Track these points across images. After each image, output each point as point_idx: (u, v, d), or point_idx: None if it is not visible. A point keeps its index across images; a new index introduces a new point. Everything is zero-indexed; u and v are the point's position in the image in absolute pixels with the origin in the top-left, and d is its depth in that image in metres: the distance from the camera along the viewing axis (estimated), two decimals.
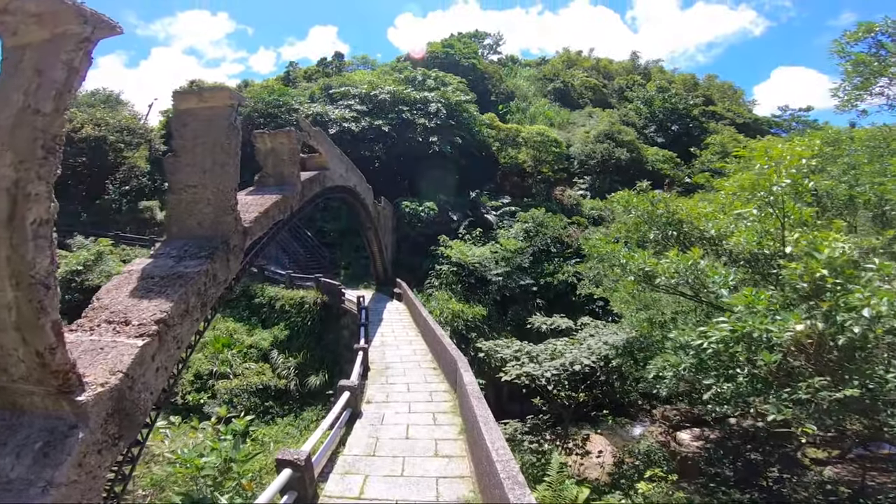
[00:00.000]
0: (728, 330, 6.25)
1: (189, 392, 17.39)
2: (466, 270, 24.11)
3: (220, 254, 7.87)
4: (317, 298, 21.04)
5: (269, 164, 12.93)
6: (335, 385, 9.01)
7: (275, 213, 10.97)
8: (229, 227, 8.18)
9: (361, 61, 49.14)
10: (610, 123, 43.99)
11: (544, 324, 15.61)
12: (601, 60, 73.74)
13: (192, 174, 8.01)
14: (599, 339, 12.91)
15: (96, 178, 35.96)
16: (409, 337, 14.76)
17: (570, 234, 29.30)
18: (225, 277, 8.16)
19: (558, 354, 12.16)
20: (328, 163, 16.44)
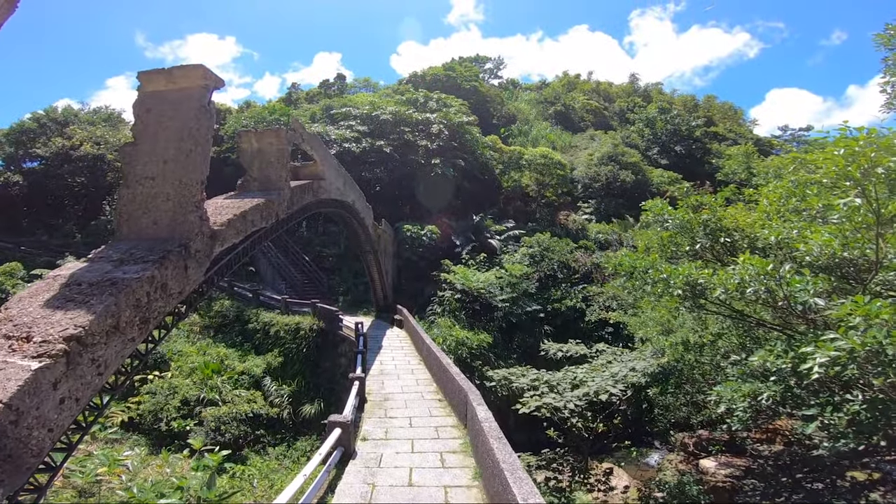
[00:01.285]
0: (845, 349, 5.05)
1: (174, 418, 16.46)
2: (470, 296, 23.04)
3: (173, 258, 6.60)
4: (313, 325, 20.09)
5: (255, 167, 11.87)
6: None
7: (255, 219, 9.76)
8: (191, 227, 6.99)
9: (363, 84, 49.46)
10: (613, 146, 43.72)
11: (560, 350, 14.42)
12: (601, 83, 74.56)
13: (150, 165, 6.95)
14: (624, 365, 11.72)
15: (93, 197, 35.45)
16: (410, 365, 13.53)
17: (577, 259, 28.33)
18: (180, 289, 6.86)
19: (580, 383, 10.94)
20: (324, 172, 15.37)
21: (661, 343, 12.02)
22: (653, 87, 76.88)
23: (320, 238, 33.32)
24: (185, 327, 23.45)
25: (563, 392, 10.65)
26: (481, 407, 6.32)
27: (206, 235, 7.39)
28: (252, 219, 9.56)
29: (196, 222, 7.02)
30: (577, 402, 10.11)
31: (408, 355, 15.05)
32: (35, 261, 27.82)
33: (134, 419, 17.32)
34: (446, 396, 9.77)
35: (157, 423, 16.81)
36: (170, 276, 6.65)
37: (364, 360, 12.06)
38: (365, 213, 22.04)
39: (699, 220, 9.88)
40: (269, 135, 11.91)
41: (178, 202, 6.92)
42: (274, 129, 12.23)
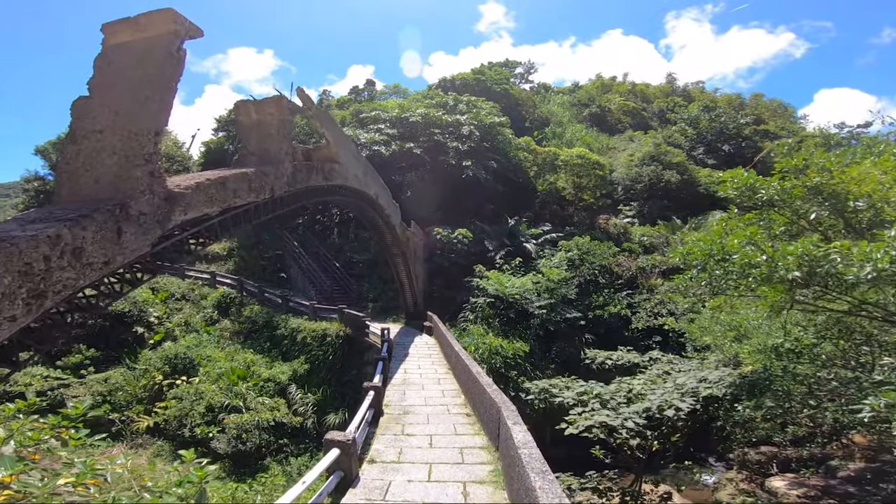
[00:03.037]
0: None
1: (198, 425, 16.13)
2: (505, 303, 21.66)
3: (98, 219, 5.40)
4: (339, 331, 19.38)
5: (253, 140, 10.89)
6: None
7: (240, 189, 8.58)
8: (136, 184, 5.97)
9: (393, 90, 49.22)
10: (655, 146, 41.32)
11: (608, 359, 12.82)
12: (637, 85, 72.05)
13: (101, 117, 6.03)
14: (691, 376, 10.05)
15: None
16: (437, 375, 12.32)
17: (620, 264, 26.39)
18: (106, 258, 5.61)
19: (637, 397, 9.34)
20: (338, 155, 14.04)
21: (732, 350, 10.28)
22: (693, 86, 73.85)
23: (351, 244, 32.88)
24: (215, 332, 23.39)
25: (617, 408, 9.08)
26: (518, 427, 5.03)
27: (160, 197, 6.29)
28: (235, 188, 8.44)
29: (143, 179, 5.94)
30: (637, 419, 8.51)
31: (435, 364, 13.86)
32: None
33: (160, 424, 17.10)
34: (475, 411, 8.50)
35: (181, 428, 16.50)
36: (89, 239, 5.38)
37: (386, 368, 10.95)
38: (391, 210, 20.92)
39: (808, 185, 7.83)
40: (269, 104, 10.85)
41: (124, 156, 5.94)
42: (274, 97, 11.06)
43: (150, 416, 17.31)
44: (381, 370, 10.13)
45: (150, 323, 23.83)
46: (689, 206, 36.32)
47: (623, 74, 76.08)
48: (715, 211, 34.27)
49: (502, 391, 7.49)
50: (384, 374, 10.33)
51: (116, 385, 19.04)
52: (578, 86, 70.76)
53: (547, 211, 36.21)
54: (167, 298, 26.40)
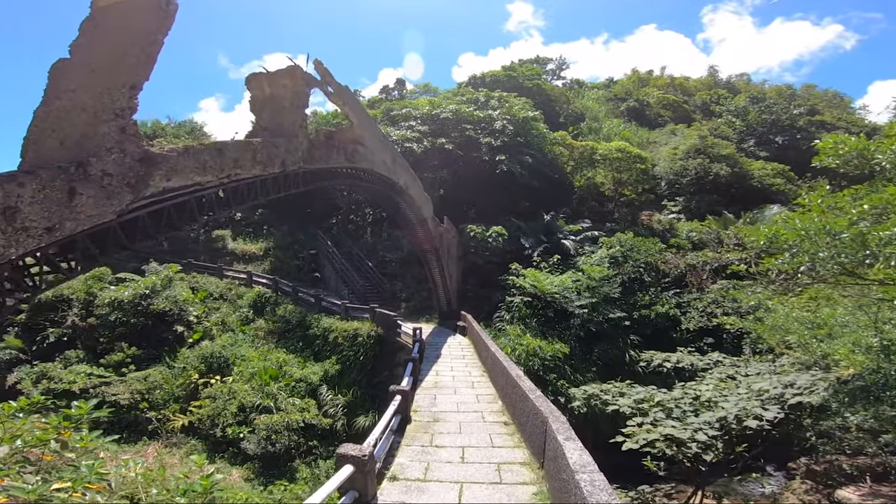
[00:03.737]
0: None
1: (230, 424, 15.95)
2: (543, 302, 20.55)
3: (44, 176, 4.71)
4: (371, 331, 18.90)
5: (266, 114, 10.25)
6: None
7: (240, 156, 7.82)
8: (102, 141, 5.38)
9: (423, 89, 48.68)
10: (700, 138, 38.95)
11: (666, 362, 11.55)
12: (676, 78, 69.18)
13: (77, 76, 5.46)
14: (772, 380, 8.71)
15: None
16: (471, 378, 11.43)
17: (667, 261, 24.66)
18: (50, 223, 4.86)
19: (707, 405, 8.07)
20: (362, 137, 13.14)
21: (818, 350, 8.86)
22: (737, 78, 70.22)
23: (384, 243, 32.56)
24: (250, 332, 23.47)
25: (683, 417, 7.85)
26: (572, 445, 4.11)
27: (133, 157, 5.63)
28: (236, 157, 7.70)
29: (110, 135, 5.32)
30: (710, 431, 7.24)
31: (469, 365, 12.98)
32: (125, 266, 29.61)
33: (194, 423, 17.09)
34: (515, 419, 7.59)
35: (214, 428, 16.41)
36: (27, 199, 4.62)
37: (416, 370, 10.16)
38: (422, 203, 20.13)
39: None
40: (283, 76, 10.11)
41: (93, 112, 5.37)
42: (287, 68, 10.24)
43: (186, 414, 17.35)
44: (411, 372, 9.36)
45: (190, 322, 24.16)
46: (741, 201, 34.09)
47: (660, 68, 73.83)
48: (771, 205, 31.83)
49: (546, 398, 6.56)
50: (414, 377, 9.55)
51: (155, 383, 19.24)
52: (613, 81, 68.57)
53: (585, 207, 34.70)
54: (206, 298, 26.80)
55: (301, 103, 10.13)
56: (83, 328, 23.13)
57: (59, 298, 24.34)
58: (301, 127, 9.95)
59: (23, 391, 18.88)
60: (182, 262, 29.84)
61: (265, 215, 36.92)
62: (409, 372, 9.36)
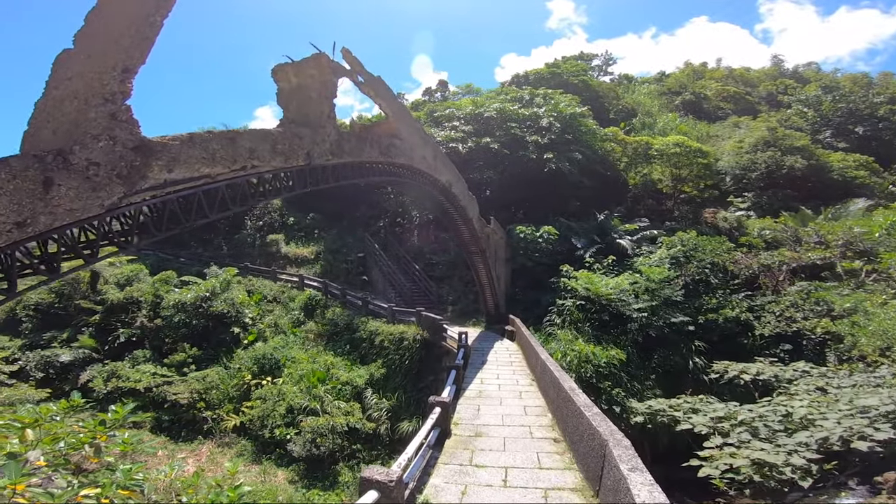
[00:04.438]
0: None
1: (278, 426, 16.24)
2: (597, 305, 19.35)
3: (15, 165, 4.33)
4: (417, 334, 18.60)
5: (293, 107, 9.81)
6: None
7: (256, 147, 7.26)
8: (90, 128, 4.97)
9: (466, 90, 48.07)
10: (769, 130, 35.76)
11: (744, 373, 10.20)
12: (735, 69, 64.60)
13: (75, 64, 5.21)
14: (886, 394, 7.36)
15: (238, 214, 39.75)
16: (518, 387, 10.66)
17: (737, 261, 22.54)
18: (20, 217, 4.43)
19: (801, 423, 6.83)
20: (399, 131, 12.52)
21: None
22: (805, 67, 64.73)
23: (430, 246, 32.33)
24: (301, 334, 23.95)
25: (773, 437, 6.68)
26: (640, 477, 3.38)
27: (125, 145, 5.18)
28: (251, 147, 7.14)
29: (99, 121, 4.92)
30: (808, 454, 6.08)
31: (517, 373, 12.22)
32: (188, 270, 31.37)
33: (245, 423, 17.52)
34: (566, 436, 6.84)
35: (263, 429, 16.72)
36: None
37: (459, 378, 9.56)
38: (467, 202, 19.46)
39: None
40: (309, 65, 9.63)
41: (84, 99, 5.06)
42: (314, 55, 9.63)
43: (238, 415, 17.84)
44: (454, 380, 8.79)
45: (245, 324, 25.04)
46: (818, 196, 30.98)
47: (716, 60, 69.97)
48: (855, 199, 28.70)
49: (604, 415, 5.79)
50: (457, 385, 8.98)
51: (212, 383, 19.97)
52: (665, 75, 65.26)
53: (641, 205, 32.75)
54: (260, 300, 27.75)
55: (328, 93, 9.78)
56: (150, 329, 24.56)
57: (129, 300, 26.06)
58: (328, 117, 9.58)
59: (94, 389, 20.27)
60: (239, 265, 31.17)
61: (316, 220, 37.92)
62: (451, 380, 8.78)
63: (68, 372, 22.33)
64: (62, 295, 27.10)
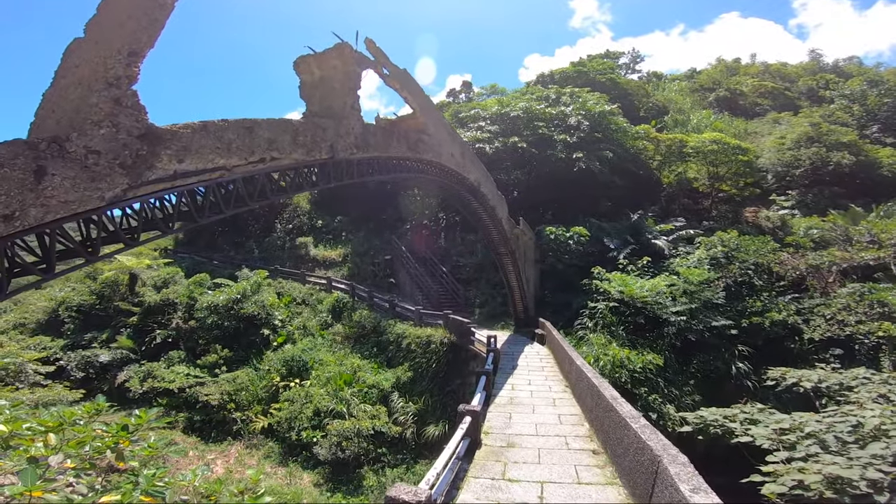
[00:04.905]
0: None
1: (305, 428, 16.26)
2: (631, 308, 18.57)
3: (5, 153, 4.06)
4: (444, 337, 18.28)
5: (316, 99, 9.48)
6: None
7: (276, 137, 6.93)
8: (91, 115, 4.70)
9: (490, 90, 47.45)
10: (812, 125, 33.87)
11: (805, 381, 9.37)
12: (771, 65, 61.77)
13: (83, 52, 5.07)
14: None
15: (269, 217, 40.60)
16: (551, 393, 10.13)
17: (783, 262, 21.24)
18: (8, 209, 4.15)
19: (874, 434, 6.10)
20: (426, 126, 12.14)
21: None
22: (845, 62, 61.51)
23: (458, 248, 31.99)
24: (328, 336, 24.02)
25: (844, 450, 5.98)
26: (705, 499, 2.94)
27: (130, 133, 4.89)
28: (270, 137, 6.79)
29: (101, 107, 4.58)
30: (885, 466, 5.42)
31: (549, 379, 11.69)
32: (221, 272, 32.09)
33: (273, 425, 17.58)
34: (607, 447, 6.35)
35: (290, 431, 16.74)
36: None
37: (489, 384, 9.13)
38: (496, 202, 18.99)
39: None
40: (331, 56, 9.16)
41: (87, 85, 4.83)
42: (336, 45, 9.21)
43: (266, 416, 17.93)
44: (483, 387, 8.38)
45: (275, 326, 25.33)
46: (867, 193, 29.15)
47: (750, 56, 66.92)
48: None
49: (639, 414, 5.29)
50: (486, 392, 8.57)
51: (242, 385, 20.16)
52: (697, 71, 62.95)
53: (676, 205, 31.47)
54: (290, 302, 28.05)
55: (352, 84, 9.41)
56: (185, 330, 25.13)
57: (166, 302, 26.80)
58: (352, 108, 9.19)
59: (130, 389, 20.85)
60: (269, 268, 31.68)
61: (343, 222, 38.22)
62: (481, 387, 8.34)
63: (107, 372, 23.02)
64: (103, 297, 28.18)
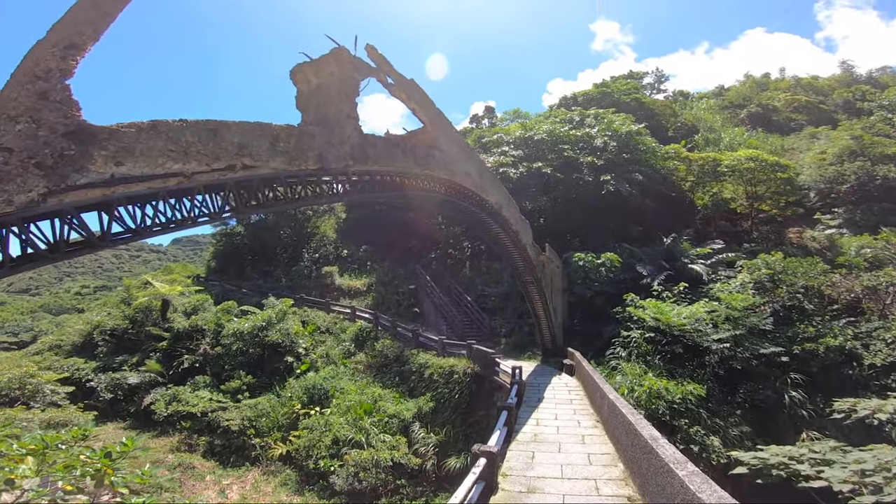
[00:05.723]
0: None
1: (323, 457, 15.85)
2: (668, 336, 17.38)
3: None
4: (467, 368, 17.63)
5: (312, 109, 8.74)
6: None
7: (248, 142, 6.07)
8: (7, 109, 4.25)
9: (513, 115, 47.27)
10: (854, 138, 32.13)
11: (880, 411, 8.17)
12: (802, 78, 59.85)
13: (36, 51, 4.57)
14: None
15: (296, 246, 41.29)
16: (580, 429, 9.13)
17: (835, 284, 19.61)
18: None
19: None
20: (438, 141, 11.12)
21: None
22: (878, 72, 59.56)
23: (483, 277, 31.29)
24: (351, 365, 23.64)
25: None
26: None
27: (55, 130, 4.33)
28: (242, 142, 5.97)
29: (22, 101, 4.09)
30: None
31: (578, 413, 10.69)
32: (249, 300, 32.51)
33: (291, 453, 17.16)
34: (645, 494, 5.45)
35: (308, 459, 16.35)
36: None
37: (511, 419, 8.24)
38: (519, 227, 18.17)
39: None
40: (328, 62, 8.57)
41: (18, 81, 4.35)
42: (333, 50, 8.60)
43: (285, 443, 17.62)
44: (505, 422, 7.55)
45: (299, 353, 25.29)
46: None
47: (779, 70, 65.38)
48: None
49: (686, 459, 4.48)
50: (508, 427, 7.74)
51: (263, 411, 20.06)
52: (725, 88, 61.68)
53: (713, 227, 30.01)
54: (314, 331, 28.01)
55: (349, 90, 8.70)
56: (212, 356, 25.39)
57: (195, 328, 27.23)
58: (349, 116, 8.42)
59: (155, 411, 20.99)
60: (295, 296, 31.88)
61: (368, 251, 38.35)
62: (501, 423, 7.49)
63: (135, 394, 23.62)
64: (135, 321, 28.98)
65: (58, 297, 69.27)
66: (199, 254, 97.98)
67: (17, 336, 45.67)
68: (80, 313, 41.89)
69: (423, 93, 11.20)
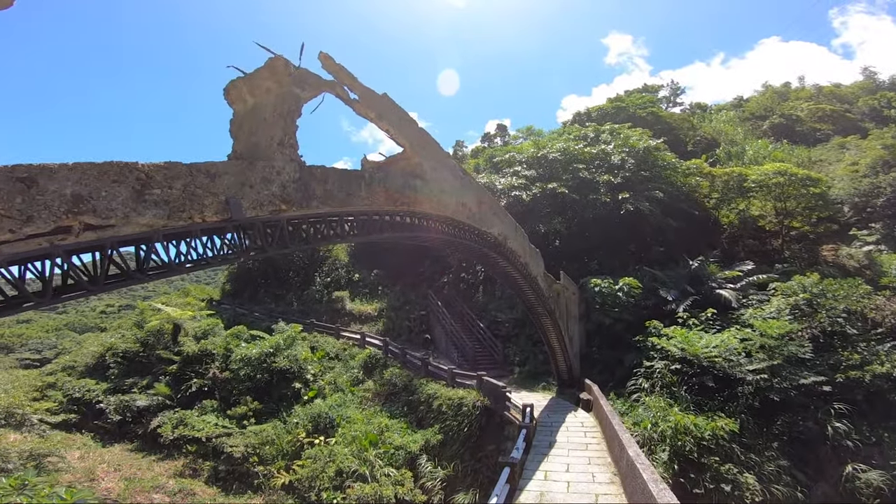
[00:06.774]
0: None
1: (326, 489, 15.15)
2: (696, 367, 16.02)
3: None
4: (476, 401, 16.66)
5: (243, 135, 6.91)
6: None
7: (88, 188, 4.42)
8: None
9: (526, 133, 46.42)
10: (886, 147, 30.39)
11: None
12: (824, 87, 57.78)
13: None
14: None
15: (308, 270, 40.92)
16: (594, 486, 7.75)
17: (879, 307, 17.96)
18: None
19: None
20: (420, 168, 9.23)
21: None
22: None
23: (496, 302, 30.18)
24: (358, 392, 22.83)
25: None
26: None
27: None
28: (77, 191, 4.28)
29: None
30: None
31: (593, 463, 9.48)
32: (259, 324, 32.19)
33: (294, 482, 16.39)
34: None
35: (310, 490, 15.64)
36: None
37: (515, 475, 7.19)
38: (529, 258, 16.89)
39: None
40: (263, 76, 6.75)
41: None
42: (268, 61, 6.88)
43: (288, 472, 16.96)
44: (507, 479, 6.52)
45: (307, 380, 24.70)
46: None
47: (798, 79, 63.13)
48: None
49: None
50: (511, 486, 6.68)
51: (267, 438, 19.55)
52: (744, 100, 60.12)
53: (740, 247, 28.35)
54: (323, 357, 27.41)
55: (284, 111, 6.79)
56: (220, 380, 25.02)
57: (204, 352, 26.93)
58: (283, 145, 6.50)
59: (162, 434, 20.83)
60: (306, 321, 31.42)
61: (380, 276, 37.74)
62: (503, 481, 6.48)
63: (143, 416, 23.45)
64: (146, 344, 28.98)
65: (83, 315, 70.55)
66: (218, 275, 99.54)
67: (41, 353, 46.34)
68: (102, 332, 42.33)
69: (400, 110, 9.45)
